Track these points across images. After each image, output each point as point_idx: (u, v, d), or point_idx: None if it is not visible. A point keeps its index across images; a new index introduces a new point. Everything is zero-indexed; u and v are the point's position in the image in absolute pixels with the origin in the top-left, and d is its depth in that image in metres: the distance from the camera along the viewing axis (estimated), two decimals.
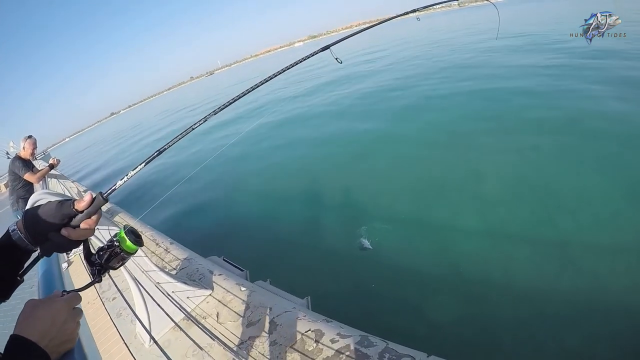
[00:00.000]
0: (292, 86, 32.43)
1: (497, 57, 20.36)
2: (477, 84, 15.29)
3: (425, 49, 32.71)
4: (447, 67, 21.01)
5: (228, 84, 77.79)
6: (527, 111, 10.83)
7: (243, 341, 3.42)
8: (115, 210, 7.84)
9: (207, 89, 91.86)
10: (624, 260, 5.10)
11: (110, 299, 5.11)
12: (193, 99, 66.68)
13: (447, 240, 6.36)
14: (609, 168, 7.12)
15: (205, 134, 21.30)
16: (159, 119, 50.55)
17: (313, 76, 33.88)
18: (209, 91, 75.83)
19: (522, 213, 6.51)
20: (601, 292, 4.72)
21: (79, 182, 13.95)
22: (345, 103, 18.86)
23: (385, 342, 2.95)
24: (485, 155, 8.81)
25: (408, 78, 20.56)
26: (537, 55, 18.49)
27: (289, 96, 26.63)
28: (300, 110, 20.69)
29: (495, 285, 5.18)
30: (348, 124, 14.93)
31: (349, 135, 13.50)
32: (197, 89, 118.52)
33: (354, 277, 6.05)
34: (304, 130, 16.24)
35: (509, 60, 18.58)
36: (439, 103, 14.14)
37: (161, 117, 53.21)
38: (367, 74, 25.63)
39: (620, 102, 9.83)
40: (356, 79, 25.04)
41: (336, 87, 24.29)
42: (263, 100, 28.35)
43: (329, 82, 27.42)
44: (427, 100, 15.14)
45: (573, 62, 15.36)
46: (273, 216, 9.11)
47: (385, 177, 9.22)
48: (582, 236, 5.67)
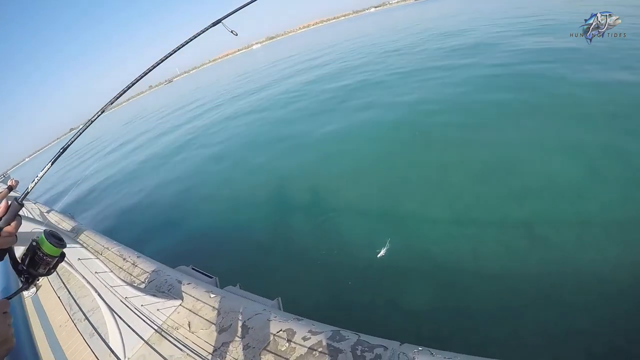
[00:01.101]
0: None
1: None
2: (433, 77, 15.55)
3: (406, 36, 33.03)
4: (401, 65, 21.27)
5: (187, 89, 76.74)
6: (485, 97, 11.11)
7: (216, 348, 3.39)
8: (80, 228, 7.61)
9: (167, 95, 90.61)
10: (590, 233, 5.30)
11: (82, 320, 4.97)
12: (152, 107, 65.59)
13: (416, 231, 6.44)
14: (570, 148, 7.35)
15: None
16: (123, 130, 49.01)
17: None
18: (170, 97, 74.65)
19: (488, 197, 6.66)
20: (571, 265, 4.89)
21: (45, 204, 13.42)
22: (298, 105, 18.95)
23: (357, 335, 2.98)
24: (446, 145, 8.96)
25: (356, 72, 20.84)
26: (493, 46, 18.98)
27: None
28: (256, 116, 20.62)
29: (466, 270, 5.29)
30: (307, 126, 14.93)
31: (308, 137, 13.49)
32: (157, 97, 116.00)
33: (325, 275, 6.07)
34: (263, 136, 16.18)
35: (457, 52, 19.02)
36: (392, 99, 14.27)
37: (127, 127, 51.62)
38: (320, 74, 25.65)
39: (579, 83, 10.11)
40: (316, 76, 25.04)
41: (292, 88, 24.20)
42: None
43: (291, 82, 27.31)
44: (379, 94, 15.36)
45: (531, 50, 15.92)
46: (239, 222, 9.06)
47: (349, 176, 9.25)
48: (548, 214, 5.86)
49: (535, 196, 6.31)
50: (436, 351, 2.66)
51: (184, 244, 8.88)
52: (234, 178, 12.28)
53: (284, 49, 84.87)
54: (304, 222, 7.86)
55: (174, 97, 65.43)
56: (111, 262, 5.62)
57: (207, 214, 10.23)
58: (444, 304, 4.88)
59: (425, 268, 5.01)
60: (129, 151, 26.46)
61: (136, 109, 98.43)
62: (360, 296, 5.36)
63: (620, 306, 4.25)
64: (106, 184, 18.67)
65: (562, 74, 10.96)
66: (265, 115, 19.27)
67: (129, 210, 13.25)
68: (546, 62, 12.55)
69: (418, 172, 8.20)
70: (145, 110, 66.21)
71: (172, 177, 14.92)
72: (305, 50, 49.61)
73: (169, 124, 31.15)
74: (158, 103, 71.66)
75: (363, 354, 2.77)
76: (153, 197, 13.45)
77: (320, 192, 8.86)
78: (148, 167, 18.70)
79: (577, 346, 4.02)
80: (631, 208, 5.49)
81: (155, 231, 10.35)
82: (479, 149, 8.27)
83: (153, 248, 8.41)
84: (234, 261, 7.28)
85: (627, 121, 7.60)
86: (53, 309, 5.62)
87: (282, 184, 10.15)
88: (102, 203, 15.41)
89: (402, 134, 10.47)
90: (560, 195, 6.17)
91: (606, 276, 4.59)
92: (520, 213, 6.04)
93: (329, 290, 5.68)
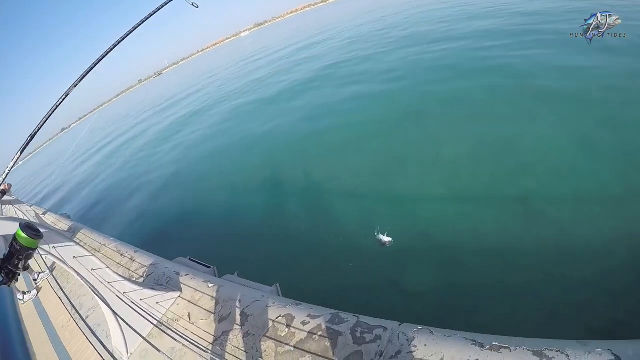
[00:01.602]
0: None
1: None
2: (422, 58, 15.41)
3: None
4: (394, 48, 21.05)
5: (176, 81, 76.03)
6: (477, 79, 11.03)
7: (217, 337, 3.39)
8: (77, 227, 7.57)
9: (156, 88, 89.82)
10: (585, 207, 5.35)
11: (83, 319, 4.96)
12: (140, 102, 65.06)
13: (414, 211, 6.47)
14: (561, 123, 7.37)
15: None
16: (114, 126, 48.61)
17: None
18: (160, 89, 73.86)
19: (484, 175, 6.69)
20: (568, 240, 4.94)
21: (39, 205, 13.37)
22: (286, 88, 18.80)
23: (356, 317, 2.98)
24: (441, 124, 8.96)
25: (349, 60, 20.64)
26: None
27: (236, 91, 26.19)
28: (246, 100, 20.51)
29: (465, 248, 5.33)
30: (297, 111, 14.91)
31: (300, 121, 13.50)
32: (146, 91, 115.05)
33: (323, 259, 6.10)
34: (252, 122, 16.18)
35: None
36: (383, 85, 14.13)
37: (118, 124, 51.17)
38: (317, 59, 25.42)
39: (570, 59, 10.11)
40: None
41: (287, 75, 24.00)
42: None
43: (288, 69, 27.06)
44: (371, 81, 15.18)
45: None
46: (235, 210, 9.07)
47: (343, 158, 9.28)
48: (543, 190, 5.90)
49: (530, 173, 6.34)
50: (436, 329, 2.66)
51: (182, 236, 8.91)
52: (226, 166, 12.27)
53: (273, 35, 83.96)
54: (300, 207, 7.89)
55: (164, 90, 64.73)
56: (109, 258, 5.60)
57: (202, 205, 10.28)
58: (444, 283, 4.91)
59: (424, 247, 5.03)
60: (119, 146, 26.33)
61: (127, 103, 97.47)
62: (358, 278, 5.38)
63: (619, 279, 4.28)
64: (99, 182, 18.63)
65: (554, 54, 10.88)
66: (252, 100, 19.17)
67: (125, 206, 13.29)
68: (539, 42, 12.43)
69: (413, 151, 8.23)
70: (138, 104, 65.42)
71: (164, 171, 14.89)
72: (292, 37, 49.07)
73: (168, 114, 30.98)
74: (149, 97, 70.85)
75: (363, 336, 2.77)
76: (147, 193, 13.45)
77: (315, 176, 8.89)
78: (139, 162, 18.69)
79: (577, 320, 4.06)
80: (625, 182, 5.53)
81: (152, 225, 10.41)
82: (473, 128, 8.26)
83: (150, 242, 8.44)
84: (231, 250, 7.30)
85: (622, 95, 7.55)
86: (55, 310, 5.61)
87: (276, 170, 10.18)
88: (97, 201, 15.46)
89: (396, 113, 10.48)
90: (555, 171, 6.21)
91: (603, 250, 4.63)
92: (516, 190, 6.08)
93: (328, 274, 5.71)
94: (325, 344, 2.83)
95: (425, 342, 2.55)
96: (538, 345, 2.23)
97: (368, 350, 2.65)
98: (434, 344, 2.51)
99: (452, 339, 2.51)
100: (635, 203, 5.12)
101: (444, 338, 2.54)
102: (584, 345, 2.11)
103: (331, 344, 2.80)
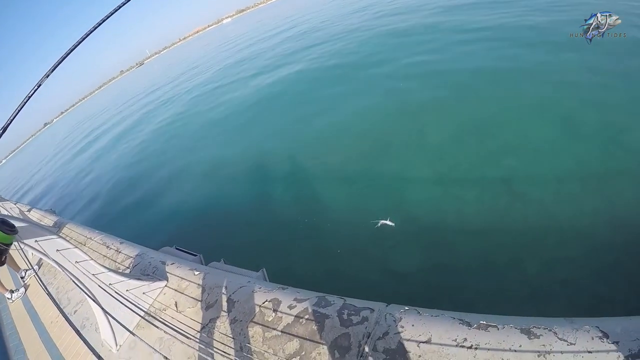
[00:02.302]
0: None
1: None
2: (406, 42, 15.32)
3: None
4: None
5: (160, 70, 74.89)
6: (460, 63, 10.96)
7: (204, 325, 3.37)
8: (62, 222, 7.47)
9: (139, 78, 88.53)
10: (568, 187, 5.38)
11: (72, 313, 4.92)
12: (122, 94, 64.15)
13: (400, 194, 6.48)
14: (544, 106, 7.37)
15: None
16: (102, 119, 47.82)
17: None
18: (143, 80, 72.77)
19: (467, 157, 6.72)
20: (550, 219, 4.98)
21: (23, 202, 13.16)
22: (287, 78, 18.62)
23: (342, 299, 2.98)
24: (424, 108, 8.93)
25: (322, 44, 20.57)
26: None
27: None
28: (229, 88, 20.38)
29: (450, 229, 5.35)
30: (284, 96, 14.79)
31: (287, 107, 13.38)
32: (129, 81, 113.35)
33: (310, 243, 6.11)
34: (241, 106, 16.04)
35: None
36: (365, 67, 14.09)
37: (105, 115, 50.35)
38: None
39: (547, 48, 10.07)
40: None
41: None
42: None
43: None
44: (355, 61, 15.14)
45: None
46: (220, 197, 9.04)
47: (328, 143, 9.24)
48: (526, 170, 5.94)
49: (512, 154, 6.38)
50: (423, 310, 2.67)
51: (168, 226, 8.87)
52: (209, 154, 12.17)
53: (253, 20, 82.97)
54: (285, 192, 7.90)
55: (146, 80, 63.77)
56: (95, 251, 5.53)
57: (187, 193, 10.23)
58: (430, 263, 4.95)
59: (410, 230, 5.04)
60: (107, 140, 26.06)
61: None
62: (345, 261, 5.40)
63: (601, 257, 4.34)
64: (83, 176, 18.42)
65: (535, 36, 10.88)
66: (236, 87, 19.03)
67: (110, 199, 13.17)
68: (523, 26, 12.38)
69: (397, 135, 8.22)
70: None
71: (148, 160, 14.77)
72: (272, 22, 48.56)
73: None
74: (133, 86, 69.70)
75: (350, 318, 2.76)
76: (129, 182, 13.31)
77: (300, 160, 8.88)
78: (122, 154, 18.52)
79: (561, 297, 4.12)
80: (605, 161, 5.59)
81: (137, 216, 10.32)
82: (455, 111, 8.30)
83: (137, 233, 8.37)
84: (218, 237, 7.29)
85: (604, 77, 7.59)
86: (43, 307, 5.56)
87: (261, 155, 10.15)
88: (82, 196, 15.29)
89: (380, 98, 10.45)
90: (536, 151, 6.26)
91: (585, 229, 4.69)
92: (499, 171, 6.13)
93: (315, 258, 5.74)
94: (312, 327, 2.82)
95: (412, 322, 2.55)
96: (525, 323, 2.24)
97: (355, 332, 2.64)
98: (421, 324, 2.51)
99: (440, 318, 2.52)
100: (615, 182, 5.18)
101: (431, 318, 2.54)
102: (571, 323, 2.13)
103: (318, 327, 2.79)
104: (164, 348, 3.47)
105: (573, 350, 1.97)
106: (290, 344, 2.81)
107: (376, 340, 2.52)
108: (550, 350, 2.01)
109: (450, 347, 2.28)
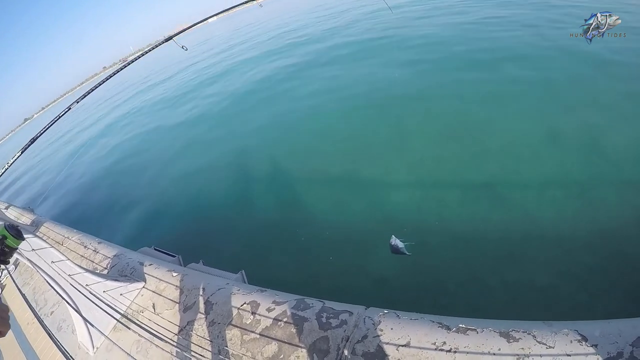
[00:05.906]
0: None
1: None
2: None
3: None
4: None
5: (143, 68, 73.98)
6: (444, 64, 11.04)
7: (182, 328, 3.30)
8: (40, 221, 7.29)
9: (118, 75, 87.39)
10: (549, 192, 5.43)
11: (48, 314, 4.80)
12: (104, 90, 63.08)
13: (381, 197, 6.48)
14: (528, 111, 7.41)
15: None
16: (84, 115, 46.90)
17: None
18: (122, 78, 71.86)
19: (449, 161, 6.71)
20: (531, 224, 5.01)
21: (9, 201, 12.82)
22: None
23: (321, 302, 2.94)
24: (406, 111, 8.93)
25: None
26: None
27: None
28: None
29: (431, 232, 5.34)
30: (267, 98, 14.62)
31: (266, 107, 13.26)
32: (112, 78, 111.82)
33: (290, 245, 6.06)
34: (212, 107, 16.01)
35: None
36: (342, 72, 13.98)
37: (87, 113, 49.42)
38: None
39: (538, 49, 10.14)
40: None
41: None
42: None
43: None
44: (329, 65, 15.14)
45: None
46: (200, 198, 8.93)
47: (310, 145, 9.19)
48: (508, 175, 5.97)
49: (494, 158, 6.42)
50: (402, 313, 2.65)
51: (146, 226, 8.74)
52: (190, 154, 12.03)
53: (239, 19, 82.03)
54: (267, 194, 7.85)
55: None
56: (72, 251, 5.39)
57: (167, 194, 10.05)
58: (409, 267, 4.93)
59: (390, 232, 5.00)
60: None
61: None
62: (325, 264, 5.37)
63: (580, 262, 4.37)
64: (63, 175, 18.04)
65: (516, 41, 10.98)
66: (223, 89, 18.89)
67: (89, 198, 12.89)
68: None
69: (379, 139, 8.20)
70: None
71: (127, 161, 14.54)
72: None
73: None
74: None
75: (329, 321, 2.72)
76: (111, 183, 13.15)
77: (281, 162, 8.85)
78: (101, 152, 18.23)
79: (540, 302, 4.14)
80: (587, 167, 5.66)
81: (116, 215, 10.11)
82: (437, 115, 8.32)
83: (115, 232, 8.21)
84: (197, 238, 7.20)
85: (587, 84, 7.71)
86: (19, 308, 5.38)
87: (242, 156, 10.06)
88: (62, 194, 14.91)
89: (363, 101, 10.40)
90: (518, 157, 6.30)
91: (566, 233, 4.72)
92: (481, 175, 6.15)
93: (294, 260, 5.71)
94: (290, 330, 2.78)
95: (391, 325, 2.52)
96: (505, 326, 2.23)
97: (334, 335, 2.61)
98: (400, 328, 2.49)
99: (419, 322, 2.50)
100: (597, 188, 5.23)
101: (410, 321, 2.52)
102: (550, 326, 2.12)
103: (297, 330, 2.75)
104: (141, 351, 3.40)
105: (552, 353, 1.96)
106: (269, 347, 2.77)
107: (355, 343, 2.49)
108: (529, 354, 2.01)
109: (429, 350, 2.26)
